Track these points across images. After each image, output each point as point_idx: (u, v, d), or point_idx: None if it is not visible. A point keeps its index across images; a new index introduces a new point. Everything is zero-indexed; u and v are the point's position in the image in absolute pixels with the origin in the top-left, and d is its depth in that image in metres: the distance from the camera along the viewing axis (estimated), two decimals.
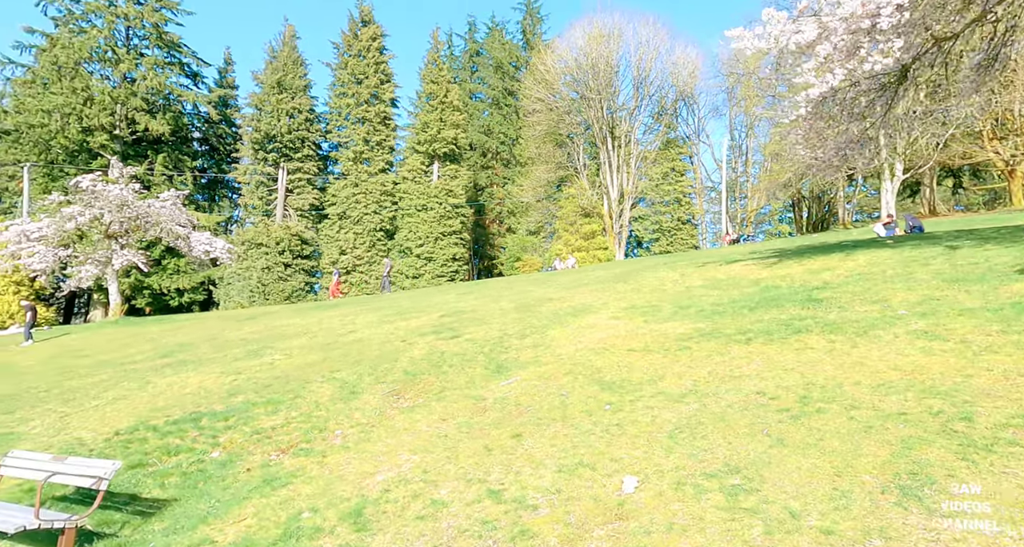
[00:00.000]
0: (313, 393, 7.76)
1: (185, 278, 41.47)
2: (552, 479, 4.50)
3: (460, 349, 8.76)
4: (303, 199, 45.16)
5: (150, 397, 9.24)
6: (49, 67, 36.72)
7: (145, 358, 14.26)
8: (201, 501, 5.51)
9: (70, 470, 4.97)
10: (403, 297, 19.94)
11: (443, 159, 48.82)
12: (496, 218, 61.19)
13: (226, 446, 6.59)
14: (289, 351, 11.08)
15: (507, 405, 6.27)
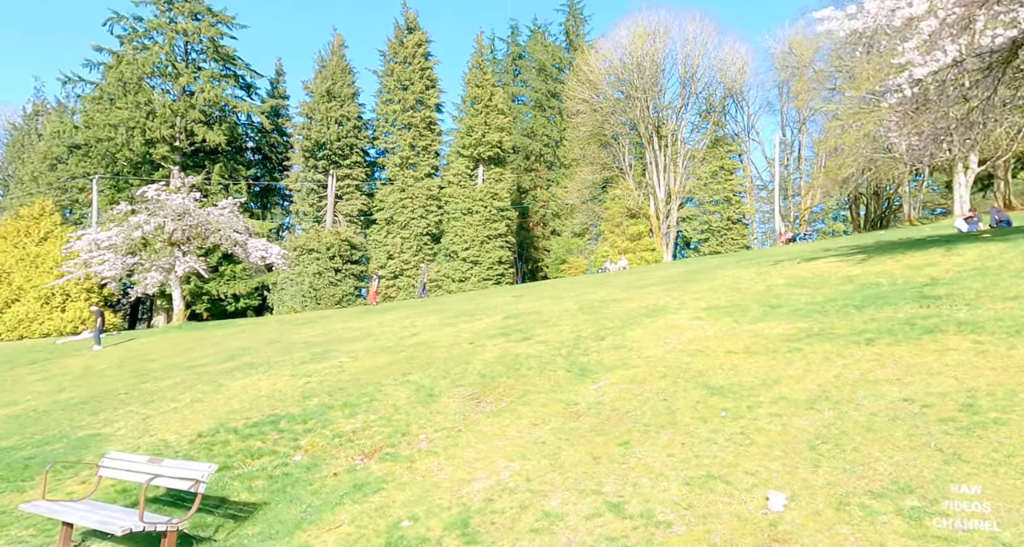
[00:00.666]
0: (388, 396, 7.59)
1: (241, 284, 42.66)
2: (680, 492, 4.13)
3: (535, 351, 8.46)
4: (352, 205, 45.89)
5: (225, 400, 9.27)
6: (115, 83, 38.43)
7: (212, 361, 14.52)
8: (292, 506, 5.36)
9: (169, 473, 4.89)
10: (457, 300, 19.82)
11: (488, 162, 48.83)
12: (540, 221, 60.93)
13: (308, 449, 6.46)
14: (355, 354, 11.01)
15: (603, 410, 5.94)
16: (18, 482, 6.91)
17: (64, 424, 9.87)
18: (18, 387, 17.06)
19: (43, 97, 49.65)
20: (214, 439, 7.31)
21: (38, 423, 10.48)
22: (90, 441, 8.32)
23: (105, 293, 37.71)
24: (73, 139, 39.85)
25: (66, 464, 7.34)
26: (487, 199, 47.74)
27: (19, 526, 5.80)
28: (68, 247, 30.98)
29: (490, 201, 47.92)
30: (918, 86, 7.95)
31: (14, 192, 43.19)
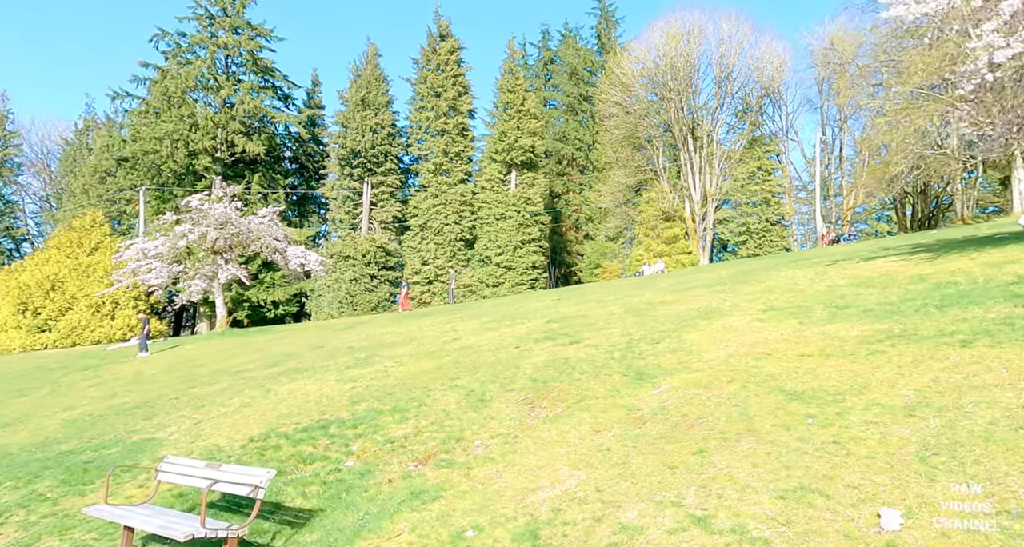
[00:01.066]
0: (438, 401, 7.44)
1: (280, 291, 43.44)
2: (773, 506, 3.83)
3: (585, 355, 8.21)
4: (386, 212, 46.36)
5: (274, 404, 9.26)
6: (160, 97, 39.72)
7: (257, 367, 14.66)
8: (349, 513, 5.22)
9: (228, 478, 4.81)
10: (495, 304, 19.67)
11: (520, 167, 48.79)
12: (573, 225, 60.56)
13: (360, 455, 6.34)
14: (399, 359, 10.92)
15: (669, 416, 5.65)
16: (79, 486, 6.97)
17: (119, 428, 10.01)
18: (73, 392, 17.56)
19: (93, 113, 51.79)
20: (265, 444, 7.26)
21: (94, 427, 10.68)
22: (145, 445, 8.39)
23: (152, 301, 38.84)
24: (121, 152, 41.30)
25: (124, 468, 7.39)
26: (520, 204, 47.66)
27: (82, 529, 5.81)
28: (117, 257, 31.98)
29: (523, 206, 47.84)
30: (998, 71, 7.45)
31: (67, 204, 44.96)
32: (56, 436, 10.66)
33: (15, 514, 6.46)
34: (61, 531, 5.79)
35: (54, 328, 35.37)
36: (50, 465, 8.17)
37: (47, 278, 35.98)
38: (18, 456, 9.45)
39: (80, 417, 12.18)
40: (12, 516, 6.43)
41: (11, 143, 48.39)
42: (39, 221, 51.57)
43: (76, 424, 11.49)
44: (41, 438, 10.75)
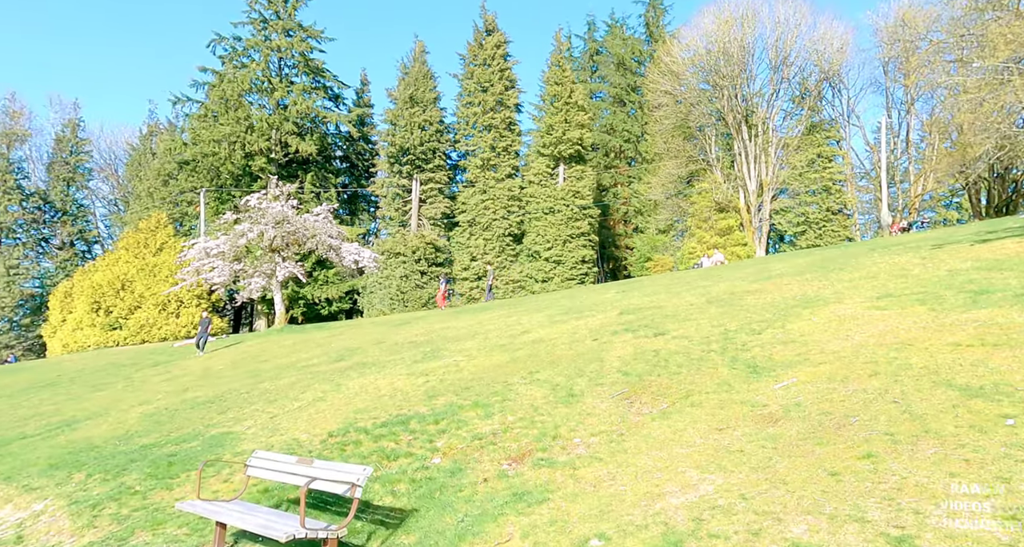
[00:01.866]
0: (521, 396, 7.10)
1: (333, 288, 44.22)
2: (1006, 531, 3.23)
3: (677, 347, 7.72)
4: (435, 208, 46.56)
5: (346, 399, 9.14)
6: (218, 101, 40.95)
7: (321, 361, 14.73)
8: (446, 514, 4.93)
9: (324, 475, 4.60)
10: (555, 297, 19.26)
11: (568, 160, 48.16)
12: (621, 218, 59.51)
13: (446, 452, 6.06)
14: (468, 352, 10.67)
15: (807, 414, 5.11)
16: (165, 479, 6.97)
17: (196, 422, 10.12)
18: (147, 387, 18.15)
19: (156, 118, 54.04)
20: (345, 439, 7.09)
21: (172, 421, 10.86)
22: (224, 439, 8.39)
23: (213, 299, 40.21)
24: (182, 155, 42.82)
25: (208, 462, 7.36)
26: (569, 198, 47.09)
27: (173, 524, 5.75)
28: (182, 256, 33.13)
29: (572, 200, 47.24)
30: None
31: (133, 207, 47.00)
32: (136, 429, 10.89)
33: (107, 507, 6.49)
34: (153, 525, 5.74)
35: (124, 326, 37.00)
36: (135, 458, 8.27)
37: (117, 278, 37.66)
38: (103, 448, 9.66)
39: (156, 411, 12.46)
40: (105, 509, 6.46)
41: (82, 150, 50.96)
42: (108, 224, 54.23)
43: (154, 418, 11.74)
44: (122, 431, 11.01)
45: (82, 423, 13.58)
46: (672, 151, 50.62)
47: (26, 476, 8.82)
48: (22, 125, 47.14)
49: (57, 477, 8.32)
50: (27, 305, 45.45)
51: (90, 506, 6.58)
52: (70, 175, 50.06)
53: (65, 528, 6.21)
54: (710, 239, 45.99)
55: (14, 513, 7.50)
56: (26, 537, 6.37)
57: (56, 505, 7.05)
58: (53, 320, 39.34)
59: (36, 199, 47.61)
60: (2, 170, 45.33)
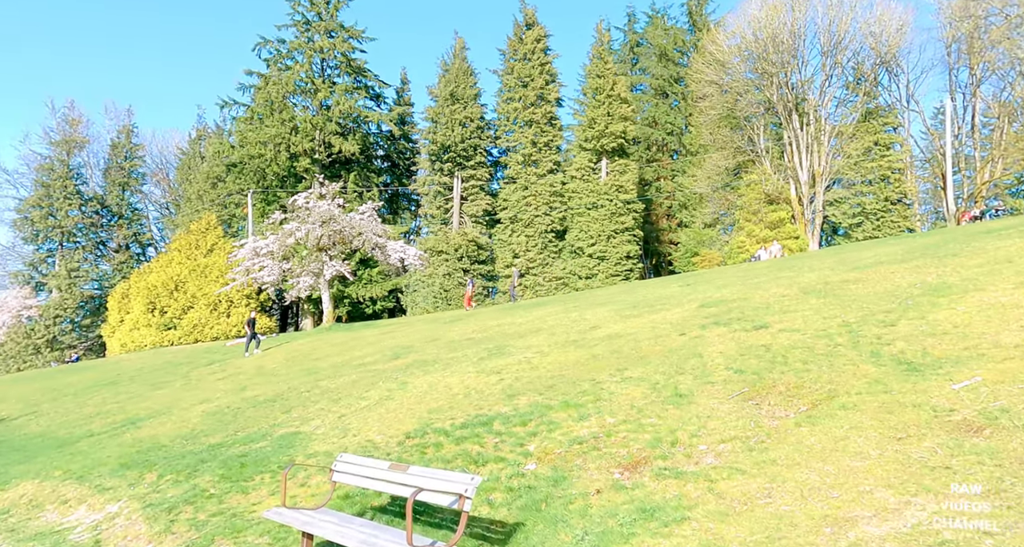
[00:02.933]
0: (616, 395, 6.50)
1: (377, 287, 44.42)
2: None
3: (792, 342, 6.97)
4: (477, 205, 46.28)
5: (416, 398, 8.73)
6: (263, 103, 41.58)
7: (377, 360, 14.46)
8: (559, 530, 4.38)
9: (430, 484, 4.10)
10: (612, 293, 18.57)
11: (611, 154, 47.23)
12: (665, 213, 58.18)
13: (541, 457, 5.54)
14: (538, 349, 10.14)
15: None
16: (240, 482, 6.67)
17: (261, 422, 9.90)
18: (204, 385, 18.28)
19: (204, 123, 55.43)
20: (424, 441, 6.66)
21: (236, 420, 10.69)
22: (293, 440, 8.09)
23: (261, 298, 40.89)
24: (229, 158, 43.67)
25: (280, 465, 7.03)
26: (612, 192, 46.18)
27: (253, 532, 5.40)
28: (233, 256, 33.67)
29: (615, 194, 46.32)
30: None
31: (184, 210, 48.27)
32: (201, 428, 10.78)
33: (183, 511, 6.22)
34: (233, 533, 5.41)
35: (178, 326, 37.91)
36: (205, 458, 8.05)
37: (171, 279, 38.63)
38: (171, 448, 9.52)
39: (218, 409, 12.37)
40: (181, 513, 6.19)
41: (136, 155, 52.68)
42: (161, 227, 55.94)
43: (217, 416, 11.63)
44: (187, 430, 10.90)
45: (146, 421, 13.64)
46: (718, 142, 49.14)
47: (98, 476, 8.72)
48: (80, 132, 49.01)
49: (129, 477, 8.18)
50: (87, 306, 47.20)
51: (165, 510, 6.32)
52: (125, 180, 51.77)
53: (142, 533, 5.95)
54: (759, 232, 44.42)
55: (89, 515, 7.35)
56: (103, 542, 6.15)
57: (131, 507, 6.84)
58: (112, 320, 40.64)
59: (94, 204, 49.40)
60: (63, 176, 47.16)
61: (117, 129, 53.34)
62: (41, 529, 7.29)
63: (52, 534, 6.90)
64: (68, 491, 8.50)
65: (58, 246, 47.97)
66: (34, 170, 48.81)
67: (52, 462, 10.58)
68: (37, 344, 44.06)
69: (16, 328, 44.66)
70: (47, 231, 47.02)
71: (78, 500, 8.02)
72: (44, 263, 48.23)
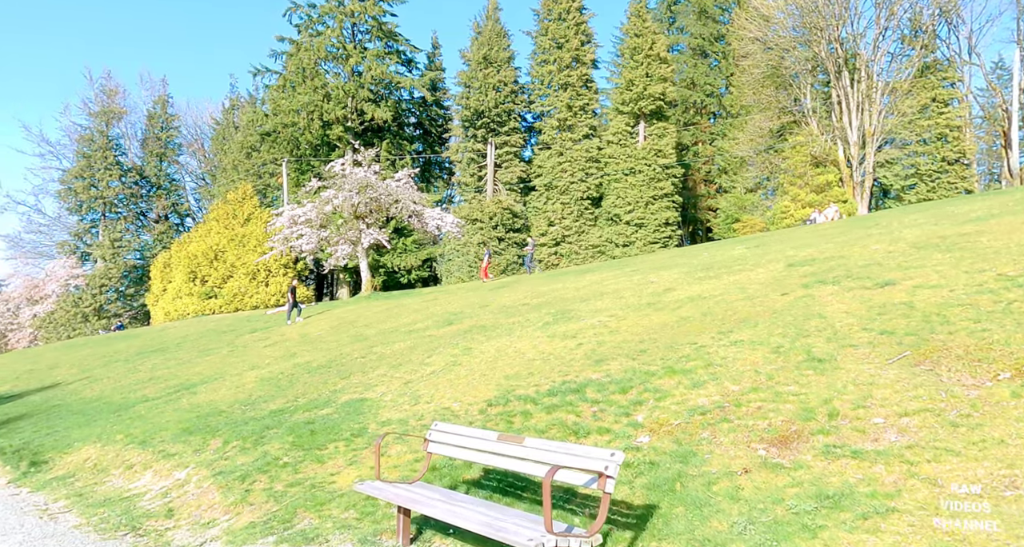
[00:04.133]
0: (731, 360, 5.75)
1: (411, 257, 44.20)
2: None
3: (942, 299, 6.06)
4: (511, 173, 45.34)
5: (486, 363, 8.24)
6: (295, 70, 40.98)
7: (428, 326, 14.06)
8: (710, 517, 3.68)
9: (567, 461, 3.44)
10: (669, 257, 17.74)
11: (649, 118, 45.54)
12: (704, 178, 56.37)
13: (654, 429, 4.94)
14: (610, 312, 9.51)
15: None
16: (313, 450, 6.29)
17: (320, 388, 9.58)
18: (251, 352, 18.24)
19: (237, 92, 55.28)
20: (508, 409, 6.15)
21: (293, 386, 10.41)
22: (360, 406, 7.70)
23: (298, 268, 41.08)
24: (263, 127, 43.41)
25: (354, 432, 6.63)
26: (650, 157, 44.68)
27: (338, 505, 4.99)
28: (271, 224, 33.62)
29: (653, 159, 44.81)
30: None
31: (220, 180, 48.51)
32: (258, 394, 10.55)
33: (257, 480, 5.87)
34: (316, 506, 5.01)
35: (219, 294, 38.38)
36: (270, 424, 7.74)
37: (210, 248, 38.97)
38: (231, 414, 9.28)
39: (272, 376, 12.16)
40: (255, 482, 5.84)
41: (171, 125, 52.91)
42: (198, 197, 56.49)
43: (272, 382, 11.41)
44: (244, 396, 10.69)
45: (199, 387, 13.58)
46: (761, 103, 46.96)
47: (160, 441, 8.53)
48: (118, 103, 49.27)
49: (192, 443, 7.94)
50: (130, 276, 48.19)
51: (238, 478, 5.98)
52: (162, 151, 52.16)
53: (216, 502, 5.63)
54: (805, 196, 42.61)
55: (156, 481, 7.11)
56: (176, 510, 5.86)
57: (200, 475, 6.55)
58: (155, 289, 41.39)
59: (133, 174, 49.96)
60: (102, 147, 47.67)
61: (152, 100, 53.59)
62: (109, 494, 7.09)
63: (121, 500, 6.67)
64: (132, 456, 8.33)
65: (101, 216, 48.85)
66: (75, 141, 49.47)
67: (112, 426, 10.51)
68: (85, 312, 45.31)
69: (65, 297, 45.93)
70: (90, 202, 47.83)
71: (143, 465, 7.82)
72: (88, 233, 49.23)
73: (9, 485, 8.73)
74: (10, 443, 11.39)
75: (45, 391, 20.08)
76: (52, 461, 9.41)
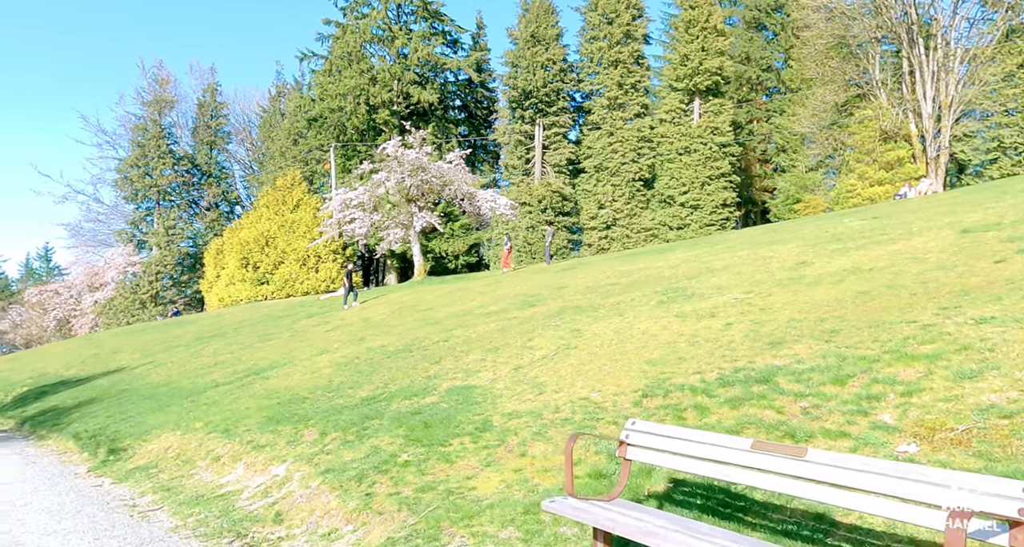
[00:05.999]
0: (996, 342, 4.35)
1: (459, 241, 43.45)
2: None
3: None
4: (559, 154, 43.98)
5: (612, 347, 7.20)
6: (341, 54, 40.44)
7: (505, 308, 13.12)
8: None
9: (959, 498, 2.33)
10: (753, 234, 16.32)
11: (704, 94, 43.43)
12: (759, 158, 53.89)
13: (922, 435, 3.68)
14: (743, 288, 8.34)
15: None
16: (435, 447, 5.38)
17: (410, 373, 8.74)
18: (314, 337, 17.68)
19: (283, 79, 55.22)
20: (671, 401, 5.10)
21: (376, 371, 9.61)
22: (469, 395, 6.77)
23: (347, 254, 40.84)
24: (309, 113, 43.13)
25: (473, 425, 5.69)
26: (706, 135, 42.66)
27: (488, 519, 4.04)
28: (324, 207, 33.26)
29: (709, 137, 42.79)
30: None
31: (267, 167, 48.66)
32: (338, 379, 9.80)
33: (377, 482, 4.99)
34: (463, 519, 4.08)
35: (271, 280, 38.45)
36: (368, 414, 6.90)
37: (261, 235, 39.02)
38: (316, 401, 8.53)
39: (347, 360, 11.43)
40: (376, 484, 4.95)
41: (220, 113, 53.33)
42: (246, 185, 57.00)
43: (349, 367, 10.66)
44: (324, 381, 9.96)
45: (269, 372, 12.99)
46: (825, 76, 44.23)
47: (245, 430, 7.83)
48: (169, 92, 49.84)
49: (283, 433, 7.17)
50: (184, 263, 48.97)
51: (353, 478, 5.12)
52: (212, 139, 52.66)
53: (333, 508, 4.77)
54: (874, 174, 40.05)
55: (251, 476, 6.36)
56: (285, 514, 5.04)
57: (303, 472, 5.74)
58: (209, 276, 41.82)
59: (185, 163, 50.59)
60: (156, 136, 48.35)
61: (202, 88, 54.07)
62: (200, 490, 6.38)
63: (216, 498, 5.94)
64: (217, 446, 7.65)
65: (155, 205, 49.70)
66: (130, 131, 50.30)
67: (188, 412, 9.95)
68: (142, 299, 46.26)
69: (123, 284, 46.98)
70: (145, 190, 48.66)
71: (232, 457, 7.11)
72: (144, 221, 50.18)
73: (90, 474, 8.20)
74: (85, 428, 11.00)
75: (111, 375, 20.06)
76: (131, 448, 8.87)
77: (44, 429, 12.56)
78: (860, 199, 40.53)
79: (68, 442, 10.48)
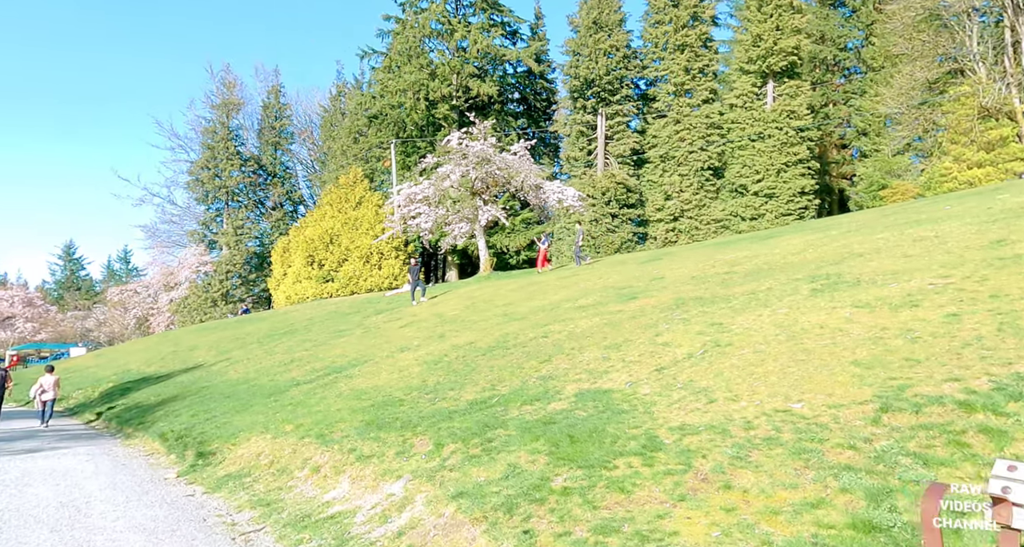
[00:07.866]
0: None
1: (520, 236, 42.49)
2: None
3: None
4: (623, 144, 42.27)
5: (782, 344, 5.97)
6: (400, 50, 40.15)
7: (599, 301, 11.98)
8: None
9: None
10: (886, 215, 14.56)
11: (778, 76, 40.80)
12: (836, 143, 50.53)
13: None
14: (930, 272, 6.94)
15: None
16: (598, 470, 4.33)
17: (518, 373, 7.74)
18: (388, 333, 17.04)
19: (343, 78, 55.81)
20: (931, 419, 3.84)
21: (474, 371, 8.67)
22: (607, 402, 5.68)
23: (408, 250, 40.58)
24: (370, 110, 43.10)
25: (637, 443, 4.60)
26: (781, 119, 40.02)
27: None
28: (389, 202, 32.95)
29: (785, 122, 40.13)
30: None
31: (329, 166, 49.11)
32: (432, 379, 8.93)
33: (535, 516, 3.96)
34: None
35: (335, 278, 38.59)
36: (487, 422, 5.94)
37: (325, 232, 39.24)
38: (415, 404, 7.66)
39: (434, 358, 10.58)
40: (532, 518, 3.93)
41: (284, 114, 54.35)
42: (308, 185, 57.93)
43: (440, 366, 9.79)
44: (417, 381, 9.11)
45: (351, 370, 12.34)
46: (914, 51, 40.72)
47: (343, 436, 7.02)
48: (236, 95, 51.12)
49: (387, 441, 6.30)
50: (252, 262, 50.10)
51: (500, 509, 4.12)
52: (276, 140, 53.73)
53: None
54: (972, 156, 36.53)
55: (360, 493, 5.49)
56: None
57: (427, 493, 4.80)
58: (276, 274, 42.45)
59: (252, 164, 51.77)
60: (224, 138, 49.65)
61: (267, 90, 55.19)
62: (304, 508, 5.58)
63: (326, 521, 5.09)
64: (314, 454, 6.87)
65: (224, 205, 51.06)
66: (200, 134, 51.92)
67: (274, 414, 9.32)
68: (214, 297, 47.58)
69: (195, 283, 48.49)
70: (215, 191, 50.07)
71: (333, 468, 6.29)
72: (214, 222, 51.68)
73: (179, 480, 7.61)
74: (171, 427, 10.60)
75: (190, 372, 20.13)
76: (220, 453, 8.26)
77: (130, 427, 12.33)
78: (956, 183, 37.20)
79: (155, 443, 10.07)
